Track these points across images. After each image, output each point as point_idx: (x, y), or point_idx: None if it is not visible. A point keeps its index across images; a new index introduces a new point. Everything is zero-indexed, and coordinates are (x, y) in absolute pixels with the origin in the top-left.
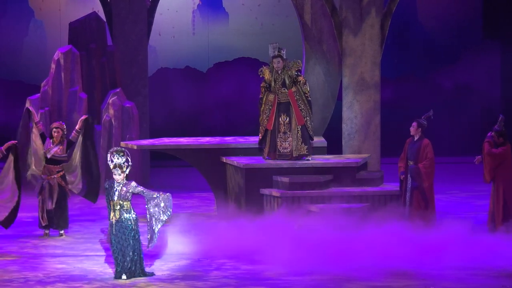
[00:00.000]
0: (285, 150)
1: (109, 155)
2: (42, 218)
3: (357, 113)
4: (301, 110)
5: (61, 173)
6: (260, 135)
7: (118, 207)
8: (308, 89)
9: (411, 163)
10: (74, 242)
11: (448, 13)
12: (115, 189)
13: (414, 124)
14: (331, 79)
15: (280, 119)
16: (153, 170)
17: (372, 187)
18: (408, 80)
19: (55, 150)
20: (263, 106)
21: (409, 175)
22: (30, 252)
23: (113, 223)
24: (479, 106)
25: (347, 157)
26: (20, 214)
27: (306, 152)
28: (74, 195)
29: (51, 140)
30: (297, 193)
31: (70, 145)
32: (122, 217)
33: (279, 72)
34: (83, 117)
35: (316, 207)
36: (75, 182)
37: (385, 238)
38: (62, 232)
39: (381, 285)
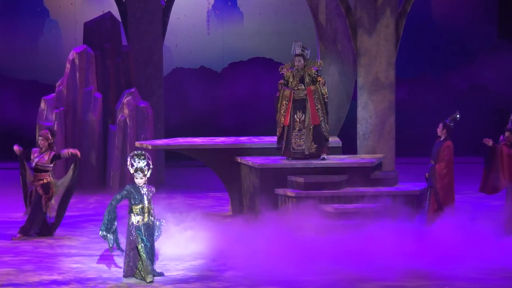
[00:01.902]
0: (300, 148)
1: (129, 159)
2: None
3: (371, 113)
4: (317, 110)
5: (43, 181)
6: (278, 133)
7: (147, 211)
8: (326, 90)
9: (432, 162)
10: (89, 242)
11: (463, 13)
12: (142, 193)
13: (440, 125)
14: (346, 79)
15: (296, 116)
16: (168, 170)
17: (386, 187)
18: (422, 80)
19: (39, 159)
20: (279, 102)
21: (428, 174)
22: (45, 252)
23: (141, 226)
24: (493, 106)
25: (361, 157)
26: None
27: (315, 151)
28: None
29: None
30: (312, 193)
31: (56, 158)
32: (149, 220)
33: (299, 69)
34: (76, 153)
35: (330, 207)
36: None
37: (400, 238)
38: (18, 236)
39: (395, 285)
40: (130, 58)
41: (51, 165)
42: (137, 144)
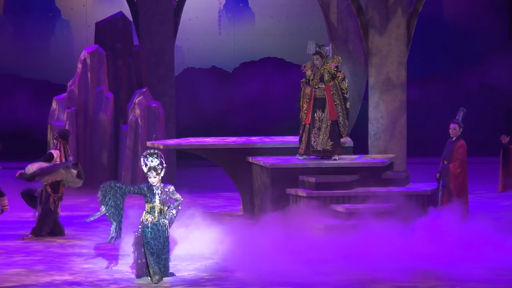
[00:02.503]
0: (318, 146)
1: (142, 158)
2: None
3: (383, 113)
4: (336, 105)
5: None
6: (300, 131)
7: (158, 210)
8: (346, 85)
9: (445, 162)
10: (100, 242)
11: (474, 13)
12: (155, 193)
13: (455, 126)
14: (357, 79)
15: (316, 114)
16: (179, 170)
17: (398, 187)
18: (433, 80)
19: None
20: (301, 101)
21: (442, 174)
22: (56, 252)
23: (149, 225)
24: (504, 106)
25: (373, 157)
26: None
27: (330, 148)
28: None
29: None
30: (323, 193)
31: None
32: (159, 221)
33: (319, 67)
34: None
35: (342, 207)
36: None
37: (412, 238)
38: (29, 236)
39: (407, 285)
40: (142, 58)
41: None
42: (148, 144)
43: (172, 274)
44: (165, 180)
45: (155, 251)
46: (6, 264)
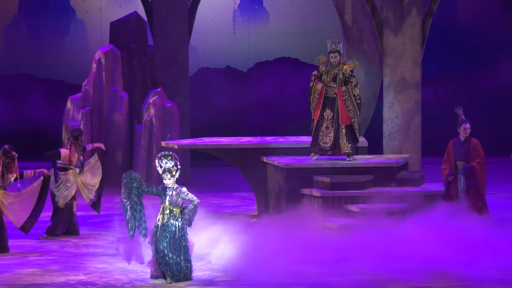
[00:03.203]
0: (325, 145)
1: (157, 160)
2: None
3: (397, 113)
4: (348, 110)
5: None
6: (312, 126)
7: (168, 211)
8: (358, 91)
9: (461, 163)
10: (115, 242)
11: (489, 13)
12: (167, 194)
13: (468, 125)
14: (372, 79)
15: (325, 113)
16: (193, 169)
17: (412, 187)
18: (448, 80)
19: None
20: (312, 95)
21: (460, 176)
22: (71, 251)
23: (159, 226)
24: None
25: (387, 157)
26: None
27: (350, 150)
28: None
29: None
30: (338, 193)
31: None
32: (169, 222)
33: (334, 66)
34: (101, 147)
35: (356, 207)
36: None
37: (426, 238)
38: (44, 236)
39: (422, 286)
40: (156, 58)
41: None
42: (163, 143)
43: (187, 278)
44: (180, 180)
45: (162, 255)
46: (21, 264)
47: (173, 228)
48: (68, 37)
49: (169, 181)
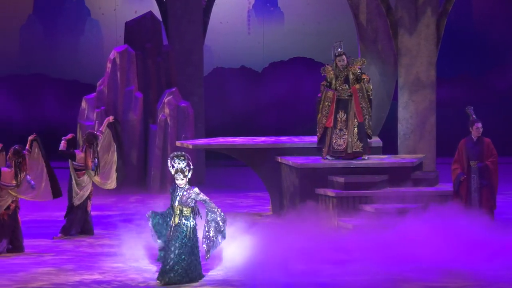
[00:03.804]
0: (339, 147)
1: (169, 160)
2: None
3: (412, 113)
4: (362, 108)
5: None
6: (318, 134)
7: (178, 212)
8: (371, 87)
9: (474, 163)
10: (130, 241)
11: (503, 13)
12: (177, 194)
13: (481, 124)
14: (387, 79)
15: (338, 116)
16: (208, 169)
17: (427, 187)
18: (462, 80)
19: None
20: (321, 103)
21: (474, 175)
22: (85, 251)
23: (172, 226)
24: None
25: (402, 157)
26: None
27: (361, 149)
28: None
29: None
30: (352, 193)
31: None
32: (180, 222)
33: (342, 69)
34: (107, 120)
35: (371, 207)
36: (109, 182)
37: (441, 238)
38: (59, 235)
39: (437, 285)
40: (171, 57)
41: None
42: (177, 143)
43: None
44: (194, 180)
45: (167, 251)
46: (36, 263)
47: (185, 228)
48: (83, 37)
49: (181, 181)
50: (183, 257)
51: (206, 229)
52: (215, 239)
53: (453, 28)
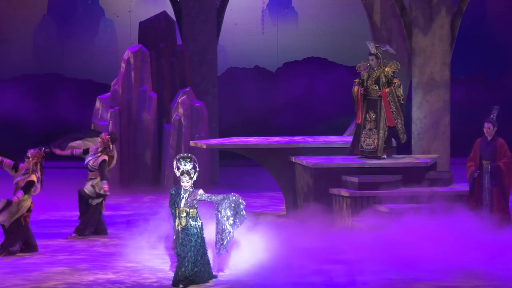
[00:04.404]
0: (369, 147)
1: (175, 162)
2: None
3: (426, 113)
4: (392, 112)
5: (95, 180)
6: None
7: (184, 214)
8: (402, 92)
9: (487, 163)
10: (143, 241)
11: None
12: (181, 196)
13: (490, 125)
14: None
15: (368, 115)
16: (222, 169)
17: (441, 187)
18: (476, 80)
19: (92, 158)
20: (353, 99)
21: (485, 175)
22: (99, 250)
23: (179, 230)
24: None
25: (416, 157)
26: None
27: (385, 155)
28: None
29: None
30: (366, 193)
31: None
32: (188, 224)
33: (375, 69)
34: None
35: (385, 207)
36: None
37: (455, 239)
38: (73, 235)
39: (450, 286)
40: (185, 57)
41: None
42: (191, 143)
43: (215, 277)
44: (208, 180)
45: (182, 257)
46: (50, 263)
47: (195, 230)
48: (97, 36)
49: (187, 183)
50: (199, 258)
51: (219, 222)
52: (228, 229)
53: (468, 28)
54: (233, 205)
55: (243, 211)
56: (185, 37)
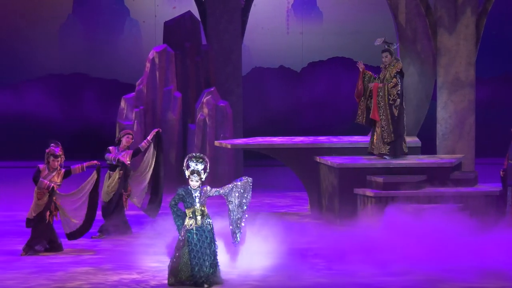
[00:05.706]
0: (372, 146)
1: (186, 160)
2: None
3: (451, 113)
4: (379, 107)
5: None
6: None
7: (200, 213)
8: (395, 92)
9: (510, 161)
10: (168, 241)
11: None
12: (194, 196)
13: None
14: (426, 79)
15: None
16: (246, 169)
17: (466, 188)
18: (503, 80)
19: (120, 156)
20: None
21: (510, 173)
22: (124, 250)
23: (193, 229)
24: None
25: (441, 157)
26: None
27: (388, 152)
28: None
29: (116, 147)
30: (391, 193)
31: (137, 154)
32: (204, 222)
33: (386, 66)
34: (155, 130)
35: (410, 207)
36: (139, 195)
37: (480, 238)
38: (98, 235)
39: (476, 286)
40: (210, 57)
41: (129, 162)
42: (216, 143)
43: (214, 283)
44: (232, 180)
45: (201, 256)
46: (74, 263)
47: (210, 227)
48: (122, 36)
49: (196, 183)
50: (216, 253)
51: (230, 212)
52: (239, 217)
53: (493, 27)
54: (242, 190)
55: (249, 193)
56: (209, 37)
